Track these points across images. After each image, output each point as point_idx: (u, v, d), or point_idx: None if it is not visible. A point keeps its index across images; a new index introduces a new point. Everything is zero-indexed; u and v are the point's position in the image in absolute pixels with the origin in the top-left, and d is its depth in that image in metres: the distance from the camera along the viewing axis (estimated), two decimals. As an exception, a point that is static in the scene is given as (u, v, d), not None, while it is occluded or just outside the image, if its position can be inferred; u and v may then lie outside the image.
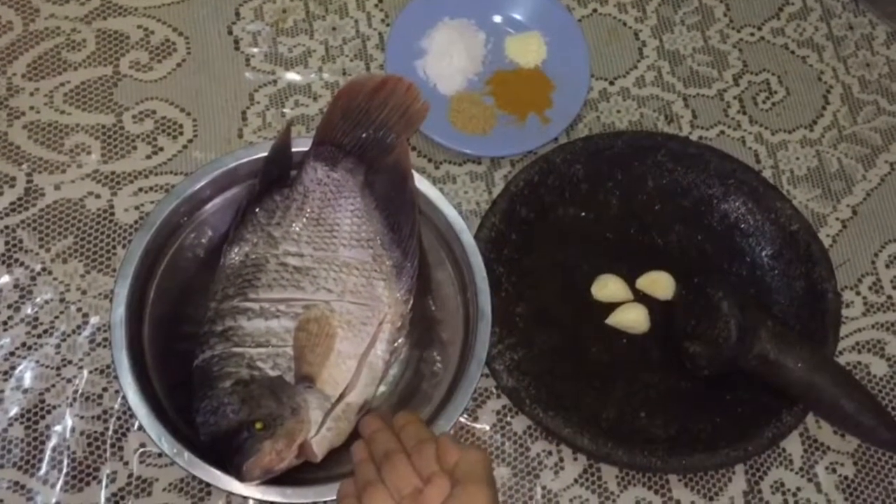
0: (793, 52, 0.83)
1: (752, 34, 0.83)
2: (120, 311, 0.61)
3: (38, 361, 0.67)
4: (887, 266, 0.77)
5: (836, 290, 0.70)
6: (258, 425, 0.58)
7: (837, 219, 0.78)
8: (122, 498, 0.65)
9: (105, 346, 0.68)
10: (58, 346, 0.68)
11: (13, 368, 0.67)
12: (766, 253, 0.73)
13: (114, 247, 0.71)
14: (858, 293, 0.76)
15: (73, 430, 0.66)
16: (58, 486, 0.65)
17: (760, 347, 0.64)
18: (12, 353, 0.67)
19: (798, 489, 0.69)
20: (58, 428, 0.66)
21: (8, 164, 0.72)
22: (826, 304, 0.70)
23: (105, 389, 0.67)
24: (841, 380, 0.64)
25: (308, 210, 0.66)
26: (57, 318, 0.68)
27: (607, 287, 0.71)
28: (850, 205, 0.78)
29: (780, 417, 0.66)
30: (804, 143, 0.80)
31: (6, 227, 0.70)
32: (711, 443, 0.66)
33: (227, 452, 0.58)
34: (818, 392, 0.64)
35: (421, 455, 0.56)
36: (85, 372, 0.67)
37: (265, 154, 0.66)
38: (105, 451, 0.66)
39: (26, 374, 0.67)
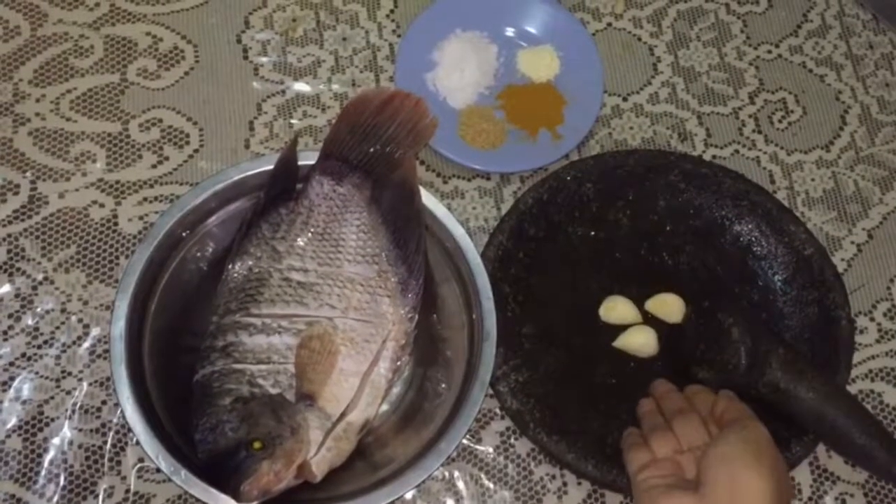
0: (811, 71, 0.82)
1: (770, 51, 0.82)
2: (120, 325, 0.61)
3: (37, 372, 0.67)
4: (903, 292, 0.75)
5: (849, 316, 0.69)
6: (257, 445, 0.57)
7: (853, 242, 0.76)
8: (119, 513, 0.64)
9: (105, 358, 0.67)
10: (58, 357, 0.67)
11: (12, 379, 0.66)
12: (779, 277, 0.71)
13: (116, 257, 0.70)
14: (873, 319, 0.74)
15: (71, 443, 0.65)
16: (54, 500, 0.64)
17: (771, 375, 0.63)
18: (12, 364, 0.67)
19: (806, 519, 0.68)
20: (56, 441, 0.65)
21: (12, 171, 0.72)
22: (839, 332, 0.68)
23: (104, 402, 0.66)
24: (853, 411, 0.63)
25: (313, 224, 0.65)
26: (57, 328, 0.68)
27: (615, 309, 0.70)
28: (866, 228, 0.77)
29: (789, 447, 0.65)
30: (820, 164, 0.79)
31: (9, 236, 0.70)
32: (718, 471, 0.64)
33: (225, 472, 0.57)
34: (829, 423, 0.63)
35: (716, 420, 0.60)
36: (84, 384, 0.67)
37: (271, 167, 0.66)
38: (103, 465, 0.65)
39: (25, 385, 0.66)
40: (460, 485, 0.67)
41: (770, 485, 0.54)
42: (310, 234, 0.65)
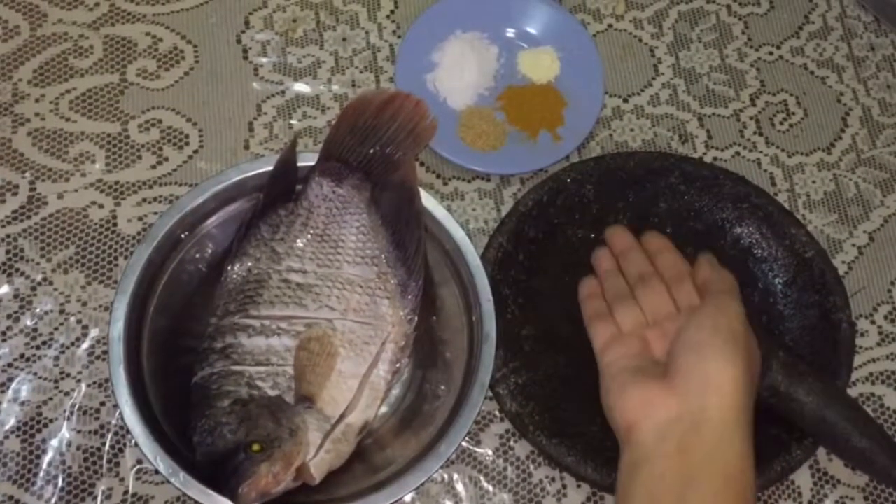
0: (812, 73, 0.81)
1: (771, 53, 0.82)
2: (118, 327, 0.60)
3: (35, 373, 0.66)
4: (904, 295, 0.75)
5: (850, 319, 0.69)
6: (255, 447, 0.57)
7: (854, 245, 0.76)
8: (117, 515, 0.64)
9: (104, 360, 0.67)
10: (56, 358, 0.67)
11: (10, 380, 0.66)
12: (780, 280, 0.71)
13: (115, 258, 0.70)
14: (874, 322, 0.74)
15: (69, 444, 0.65)
16: (52, 502, 0.64)
17: (771, 379, 0.63)
18: (10, 365, 0.66)
19: (806, 523, 0.68)
20: (54, 442, 0.65)
21: (11, 171, 0.71)
22: (840, 335, 0.68)
23: (103, 404, 0.66)
24: (854, 415, 0.62)
25: (312, 226, 0.65)
26: (56, 329, 0.68)
27: (615, 311, 0.70)
28: (867, 231, 0.77)
29: (789, 450, 0.65)
30: (821, 167, 0.78)
31: (7, 236, 0.70)
32: (718, 475, 0.64)
33: (223, 474, 0.57)
34: (829, 427, 0.62)
35: (681, 287, 0.59)
36: (83, 385, 0.66)
37: (270, 168, 0.65)
38: (101, 466, 0.65)
39: (24, 386, 0.66)
40: (459, 487, 0.67)
41: (743, 373, 0.53)
42: (309, 236, 0.64)
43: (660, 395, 0.54)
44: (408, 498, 0.67)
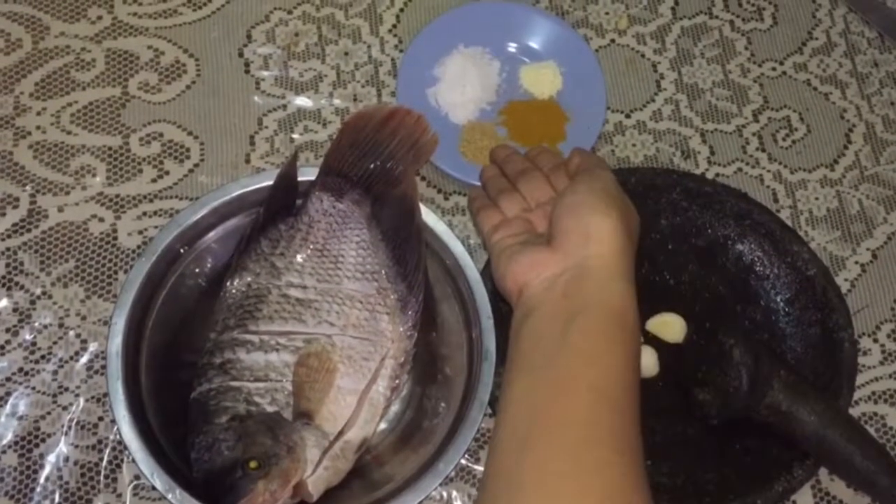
0: (815, 89, 0.81)
1: (774, 69, 0.82)
2: (117, 342, 0.60)
3: (34, 388, 0.66)
4: (907, 313, 0.75)
5: (852, 338, 0.68)
6: (252, 464, 0.57)
7: (857, 262, 0.76)
8: (114, 531, 0.64)
9: (103, 374, 0.67)
10: (55, 372, 0.67)
11: (9, 394, 0.66)
12: (782, 297, 0.71)
13: (115, 272, 0.70)
14: (876, 340, 0.73)
15: (66, 459, 0.65)
16: (49, 517, 0.64)
17: (772, 398, 0.62)
18: (8, 379, 0.66)
19: (808, 543, 0.67)
20: (51, 457, 0.65)
21: (12, 184, 0.71)
22: (842, 354, 0.67)
23: (101, 418, 0.66)
24: (855, 435, 0.62)
25: (312, 240, 0.64)
26: (55, 343, 0.68)
27: (616, 328, 0.69)
28: (871, 248, 0.76)
29: (791, 470, 0.64)
30: (824, 183, 0.78)
31: (7, 249, 0.69)
32: (719, 494, 0.64)
33: (220, 491, 0.57)
34: (831, 447, 0.62)
35: (558, 174, 0.64)
36: (81, 400, 0.66)
37: (271, 182, 0.65)
38: (98, 482, 0.65)
39: (22, 400, 0.66)
40: (458, 505, 0.67)
41: (619, 223, 0.56)
42: (309, 251, 0.64)
43: (545, 256, 0.57)
44: (406, 515, 0.66)
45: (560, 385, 0.53)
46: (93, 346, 0.68)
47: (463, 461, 0.67)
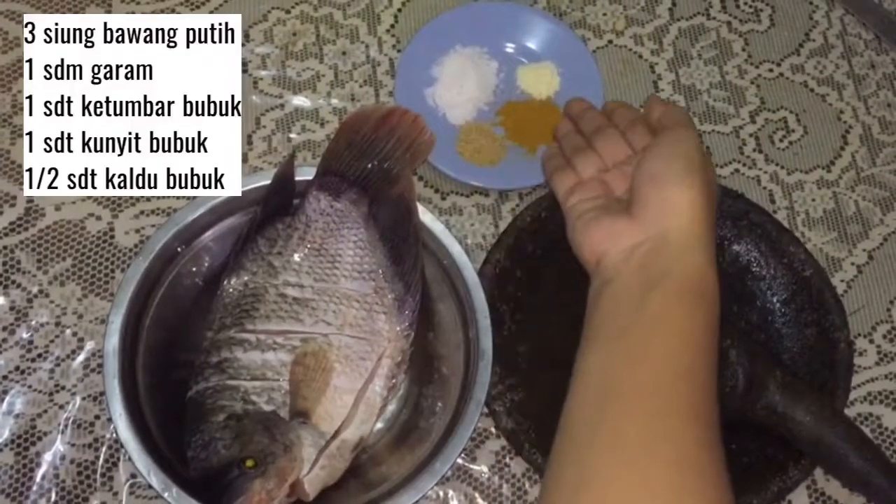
0: (812, 90, 0.81)
1: (771, 70, 0.82)
2: (113, 341, 0.60)
3: (30, 386, 0.66)
4: (903, 314, 0.75)
5: (848, 339, 0.68)
6: (249, 462, 0.57)
7: (853, 263, 0.76)
8: (110, 529, 0.64)
9: (99, 373, 0.67)
10: (51, 370, 0.67)
11: (5, 392, 0.66)
12: (778, 298, 0.71)
13: (112, 270, 0.70)
14: (872, 341, 0.74)
15: (63, 457, 0.65)
16: (45, 516, 0.64)
17: (768, 398, 0.63)
18: (5, 377, 0.66)
19: (803, 544, 0.68)
20: (48, 455, 0.65)
21: (9, 182, 0.71)
22: (837, 354, 0.68)
23: (97, 417, 0.66)
24: (851, 436, 0.62)
25: (310, 240, 0.64)
26: (52, 342, 0.67)
27: (613, 329, 0.70)
28: (867, 249, 0.76)
29: (786, 470, 0.64)
30: (821, 185, 0.78)
31: (4, 248, 0.69)
32: (715, 494, 0.64)
33: (217, 490, 0.57)
34: (827, 447, 0.62)
35: (634, 130, 0.61)
36: (78, 398, 0.66)
37: (268, 182, 0.65)
38: (95, 480, 0.65)
39: (18, 398, 0.66)
40: (454, 504, 0.67)
41: (700, 195, 0.55)
42: (306, 250, 0.64)
43: (624, 226, 0.56)
44: (403, 514, 0.66)
45: (635, 355, 0.53)
46: (89, 345, 0.68)
47: (459, 460, 0.67)
